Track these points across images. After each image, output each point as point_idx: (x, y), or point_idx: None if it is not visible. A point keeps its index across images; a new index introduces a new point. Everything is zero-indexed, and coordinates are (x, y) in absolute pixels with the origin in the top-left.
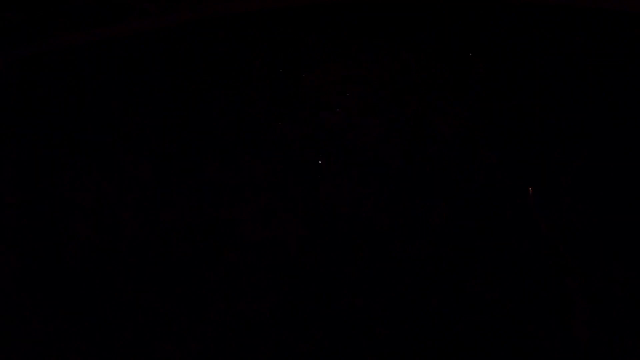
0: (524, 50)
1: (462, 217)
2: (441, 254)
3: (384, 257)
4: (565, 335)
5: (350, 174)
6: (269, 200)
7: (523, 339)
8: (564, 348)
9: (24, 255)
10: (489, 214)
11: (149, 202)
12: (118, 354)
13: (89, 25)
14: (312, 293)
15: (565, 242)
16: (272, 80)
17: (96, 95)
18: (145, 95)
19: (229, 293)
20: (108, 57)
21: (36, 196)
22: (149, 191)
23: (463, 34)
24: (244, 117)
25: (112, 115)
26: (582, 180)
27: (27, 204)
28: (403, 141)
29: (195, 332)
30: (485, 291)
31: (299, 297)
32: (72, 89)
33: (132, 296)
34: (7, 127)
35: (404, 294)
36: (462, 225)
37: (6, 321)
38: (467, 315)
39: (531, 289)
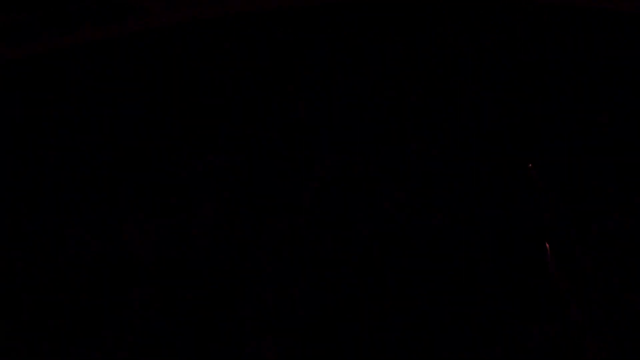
0: (524, 50)
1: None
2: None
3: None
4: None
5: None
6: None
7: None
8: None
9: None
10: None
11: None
12: None
13: (89, 25)
14: None
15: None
16: (272, 81)
17: (95, 95)
18: (144, 95)
19: None
20: (108, 57)
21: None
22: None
23: (463, 34)
24: (244, 117)
25: (111, 114)
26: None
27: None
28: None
29: None
30: (480, 291)
31: None
32: (72, 89)
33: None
34: (6, 127)
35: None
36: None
37: None
38: (461, 313)
39: (527, 290)
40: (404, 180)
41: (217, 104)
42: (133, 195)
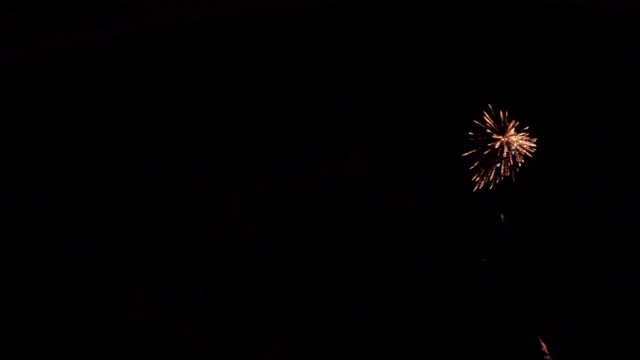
0: (524, 50)
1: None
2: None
3: None
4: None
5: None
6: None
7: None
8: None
9: None
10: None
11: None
12: None
13: (88, 25)
14: None
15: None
16: (272, 81)
17: (96, 94)
18: (144, 95)
19: None
20: (108, 57)
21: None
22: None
23: (463, 34)
24: (244, 117)
25: (111, 114)
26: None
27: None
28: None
29: None
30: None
31: None
32: (72, 89)
33: None
34: (6, 127)
35: None
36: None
37: None
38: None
39: (527, 291)
40: (404, 180)
41: (217, 104)
42: (133, 195)
